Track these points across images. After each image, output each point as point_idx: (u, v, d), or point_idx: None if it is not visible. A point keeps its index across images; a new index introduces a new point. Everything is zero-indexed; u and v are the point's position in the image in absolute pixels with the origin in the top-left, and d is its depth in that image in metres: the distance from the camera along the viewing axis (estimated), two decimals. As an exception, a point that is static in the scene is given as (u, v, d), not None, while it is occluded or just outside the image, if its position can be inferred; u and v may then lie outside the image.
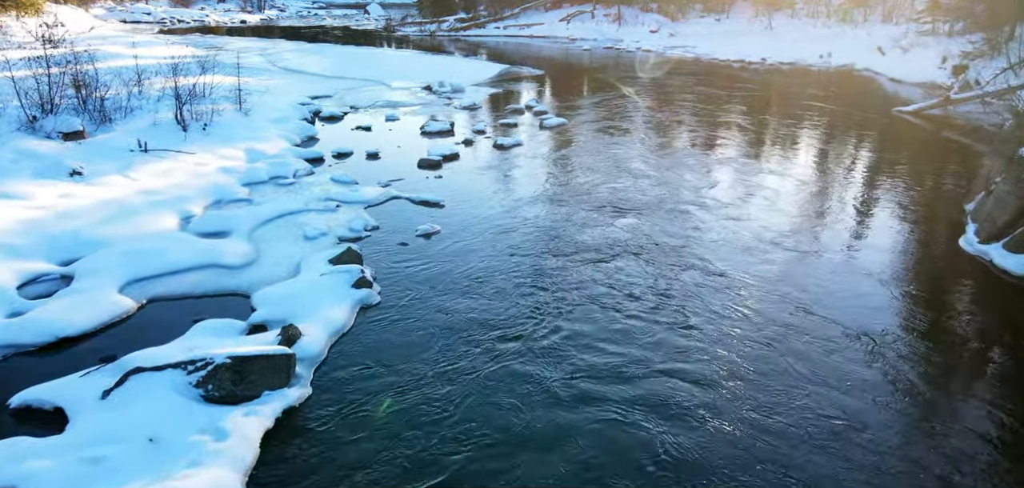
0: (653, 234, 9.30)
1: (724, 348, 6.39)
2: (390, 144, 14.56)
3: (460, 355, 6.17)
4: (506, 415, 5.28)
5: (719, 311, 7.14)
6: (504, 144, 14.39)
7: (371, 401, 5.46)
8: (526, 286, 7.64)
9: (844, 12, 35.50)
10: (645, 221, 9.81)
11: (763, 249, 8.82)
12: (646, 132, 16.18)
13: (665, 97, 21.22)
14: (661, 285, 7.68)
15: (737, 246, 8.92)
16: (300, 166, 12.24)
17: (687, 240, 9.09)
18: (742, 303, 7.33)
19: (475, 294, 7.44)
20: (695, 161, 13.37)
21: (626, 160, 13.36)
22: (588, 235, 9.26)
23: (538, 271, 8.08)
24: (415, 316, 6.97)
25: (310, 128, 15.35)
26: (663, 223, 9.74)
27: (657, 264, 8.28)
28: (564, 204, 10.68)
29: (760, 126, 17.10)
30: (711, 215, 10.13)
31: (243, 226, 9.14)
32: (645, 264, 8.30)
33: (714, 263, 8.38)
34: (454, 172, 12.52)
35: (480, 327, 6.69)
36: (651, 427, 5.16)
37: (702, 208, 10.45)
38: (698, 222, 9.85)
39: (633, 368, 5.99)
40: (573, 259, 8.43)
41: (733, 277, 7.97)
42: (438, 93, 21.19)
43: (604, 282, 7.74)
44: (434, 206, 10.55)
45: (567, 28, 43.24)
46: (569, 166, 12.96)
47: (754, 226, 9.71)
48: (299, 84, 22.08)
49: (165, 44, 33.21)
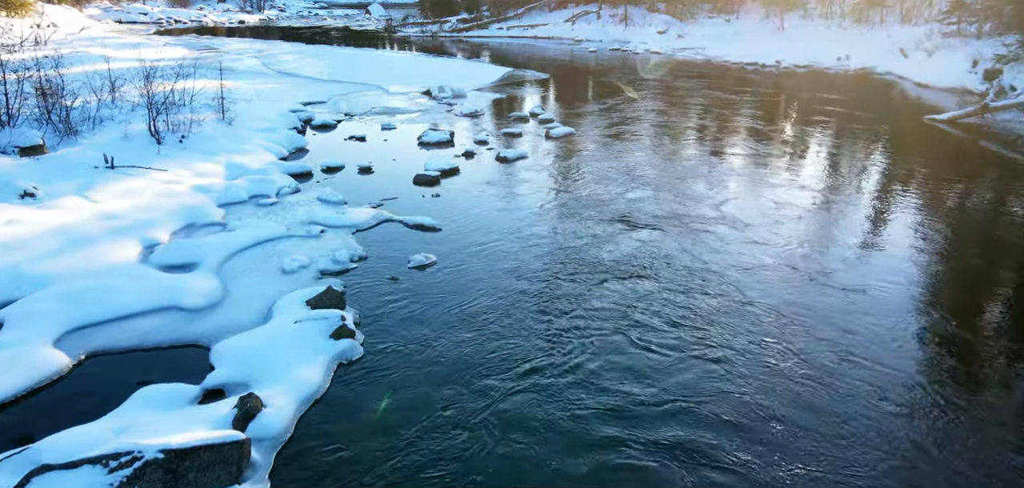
0: (675, 260, 8.20)
1: (760, 391, 5.31)
2: (385, 156, 13.49)
3: (457, 426, 5.07)
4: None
5: (751, 347, 6.06)
6: (508, 157, 13.30)
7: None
8: (534, 331, 6.54)
9: (859, 12, 34.30)
10: (665, 245, 8.71)
11: (797, 276, 7.72)
12: (659, 142, 15.07)
13: (677, 102, 20.12)
14: (688, 319, 6.58)
15: (770, 274, 7.81)
16: (285, 183, 11.17)
17: (713, 266, 7.99)
18: (777, 339, 6.25)
19: (475, 343, 6.34)
20: (714, 174, 12.25)
21: (640, 174, 12.25)
22: (602, 263, 8.16)
23: (547, 310, 6.98)
24: (404, 373, 5.88)
25: (299, 139, 14.28)
26: (685, 247, 8.64)
27: (681, 294, 7.18)
28: (574, 226, 9.58)
29: (781, 135, 15.97)
30: (737, 236, 9.02)
31: (213, 257, 8.06)
32: (668, 294, 7.20)
33: (746, 293, 7.28)
34: (453, 189, 11.43)
35: (481, 388, 5.59)
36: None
37: (727, 228, 9.34)
38: (724, 245, 8.74)
39: (665, 428, 4.89)
40: (587, 293, 7.33)
41: (766, 308, 6.88)
42: (438, 99, 20.11)
43: (623, 321, 6.63)
44: (430, 231, 9.47)
45: (572, 29, 42.12)
46: (578, 182, 11.86)
47: (785, 249, 8.61)
48: (292, 89, 21.04)
49: (157, 46, 32.25)
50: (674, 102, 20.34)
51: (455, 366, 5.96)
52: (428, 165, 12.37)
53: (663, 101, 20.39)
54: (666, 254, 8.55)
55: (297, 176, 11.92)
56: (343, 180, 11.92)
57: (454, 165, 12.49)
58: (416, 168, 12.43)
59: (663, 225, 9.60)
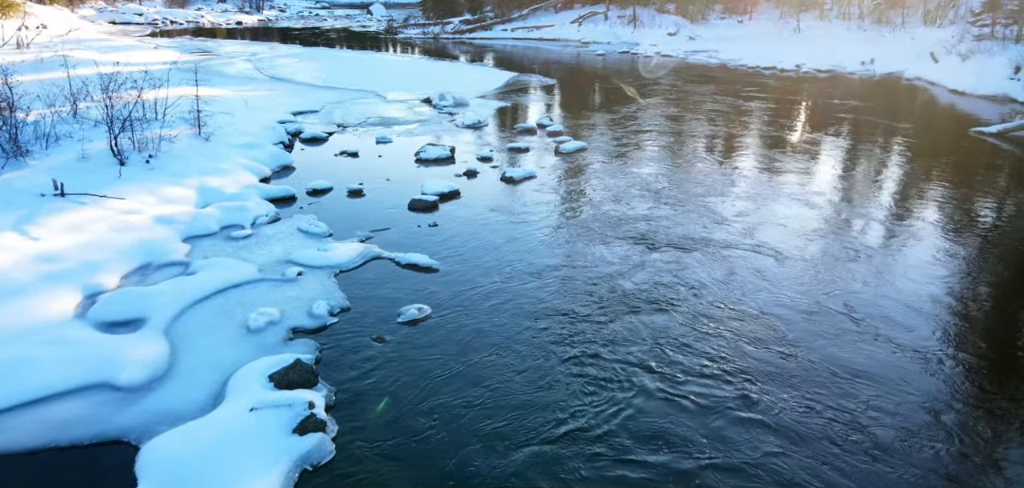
0: (710, 303, 6.88)
1: (811, 455, 4.02)
2: (378, 176, 12.19)
3: None
4: None
5: (805, 413, 4.74)
6: (514, 177, 11.97)
7: None
8: (550, 412, 5.21)
9: (879, 13, 32.88)
10: (699, 285, 7.39)
11: (853, 325, 6.39)
12: (679, 157, 13.72)
13: (694, 111, 18.77)
14: (729, 374, 5.25)
15: (821, 320, 6.49)
16: (262, 210, 9.86)
17: (753, 307, 6.69)
18: (832, 401, 4.95)
19: (479, 428, 5.03)
20: (744, 194, 10.91)
21: (661, 195, 10.92)
22: (626, 310, 6.84)
23: (564, 379, 5.67)
24: (386, 481, 4.58)
25: (284, 156, 12.95)
26: (720, 285, 7.32)
27: (719, 343, 5.84)
28: (591, 263, 8.27)
29: (813, 149, 14.61)
30: (779, 271, 7.69)
31: (164, 310, 6.76)
32: (704, 346, 5.86)
33: (796, 343, 5.95)
34: (453, 217, 10.12)
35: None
36: None
37: (766, 259, 8.01)
38: (763, 281, 7.44)
39: None
40: (612, 355, 6.00)
41: (819, 361, 5.57)
42: (438, 107, 18.80)
43: (659, 396, 5.30)
44: (426, 271, 8.16)
45: (579, 31, 40.76)
46: (593, 206, 10.53)
47: (835, 287, 7.33)
48: (284, 96, 19.74)
49: (147, 48, 31.03)
50: (691, 110, 18.99)
51: (452, 472, 4.65)
52: (425, 188, 11.06)
53: (679, 109, 19.06)
54: (700, 297, 7.21)
55: (278, 201, 10.62)
56: (330, 205, 10.62)
57: (454, 187, 11.17)
58: (412, 190, 11.14)
59: (693, 260, 8.26)
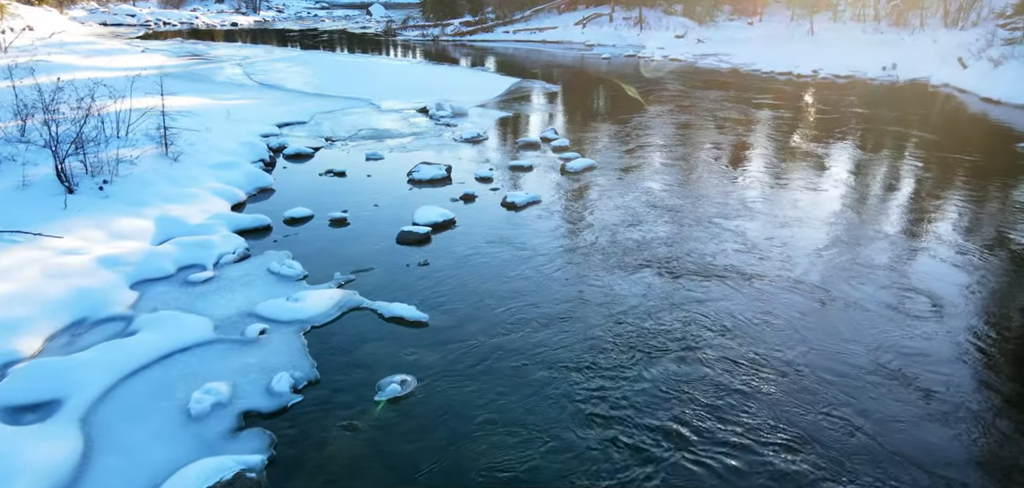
0: (750, 364, 5.62)
1: None
2: (366, 200, 10.95)
3: None
4: None
5: None
6: (516, 202, 10.71)
7: None
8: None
9: (897, 14, 31.54)
10: (732, 334, 6.14)
11: (912, 390, 5.12)
12: (699, 177, 12.44)
13: (710, 121, 17.48)
14: (779, 451, 4.01)
15: (879, 387, 5.23)
16: (229, 246, 8.61)
17: (804, 370, 5.40)
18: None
19: None
20: (776, 222, 9.65)
21: (682, 223, 9.66)
22: (650, 373, 5.59)
23: (580, 471, 4.43)
24: None
25: (263, 177, 11.68)
26: (762, 342, 6.05)
27: (764, 412, 4.59)
28: (606, 310, 7.04)
29: (843, 167, 13.32)
30: (827, 320, 6.43)
31: (88, 388, 5.53)
32: (746, 416, 4.61)
33: (852, 420, 4.70)
34: (447, 252, 8.86)
35: None
36: None
37: (811, 306, 6.74)
38: (814, 336, 6.19)
39: None
40: (635, 438, 4.74)
41: (873, 437, 4.30)
42: (435, 117, 17.54)
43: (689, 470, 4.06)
44: (413, 327, 6.92)
45: (583, 33, 39.47)
46: (606, 238, 9.26)
47: (889, 340, 6.04)
48: (271, 105, 18.50)
49: (134, 52, 29.82)
50: (706, 121, 17.70)
51: None
52: (416, 217, 9.82)
53: (693, 119, 17.77)
54: (735, 350, 5.95)
55: (250, 233, 9.38)
56: (308, 238, 9.37)
57: (448, 216, 9.91)
58: (402, 218, 9.91)
59: (724, 304, 7.00)
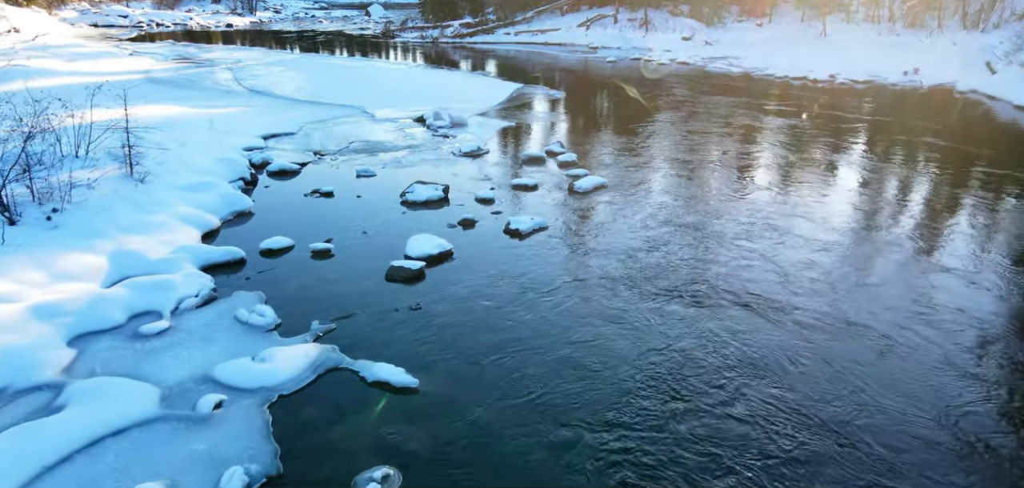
0: (798, 424, 4.54)
1: None
2: (354, 225, 9.87)
3: None
4: None
5: None
6: (520, 229, 9.61)
7: None
8: None
9: (913, 16, 30.39)
10: (781, 393, 5.04)
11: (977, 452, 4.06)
12: (721, 196, 11.32)
13: (725, 132, 16.36)
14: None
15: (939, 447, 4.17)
16: (192, 287, 7.53)
17: (857, 424, 4.34)
18: None
19: None
20: (812, 246, 8.56)
21: (707, 251, 8.57)
22: (681, 444, 4.52)
23: None
24: None
25: (240, 200, 10.57)
26: (809, 395, 4.96)
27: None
28: (628, 364, 5.98)
29: (876, 183, 12.21)
30: (883, 369, 5.35)
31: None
32: None
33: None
34: (443, 292, 7.78)
35: None
36: None
37: (863, 351, 5.65)
38: (871, 385, 5.10)
39: None
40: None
41: None
42: (432, 128, 16.43)
43: None
44: (400, 393, 5.87)
45: (587, 34, 38.35)
46: (622, 272, 8.16)
47: (949, 395, 4.94)
48: (258, 114, 17.40)
49: (121, 55, 28.73)
50: (721, 131, 16.59)
51: None
52: (409, 248, 8.73)
53: (707, 129, 16.65)
54: (778, 408, 4.84)
55: (220, 268, 8.31)
56: (286, 273, 8.28)
57: (445, 247, 8.81)
58: (393, 247, 8.84)
59: (762, 354, 5.88)
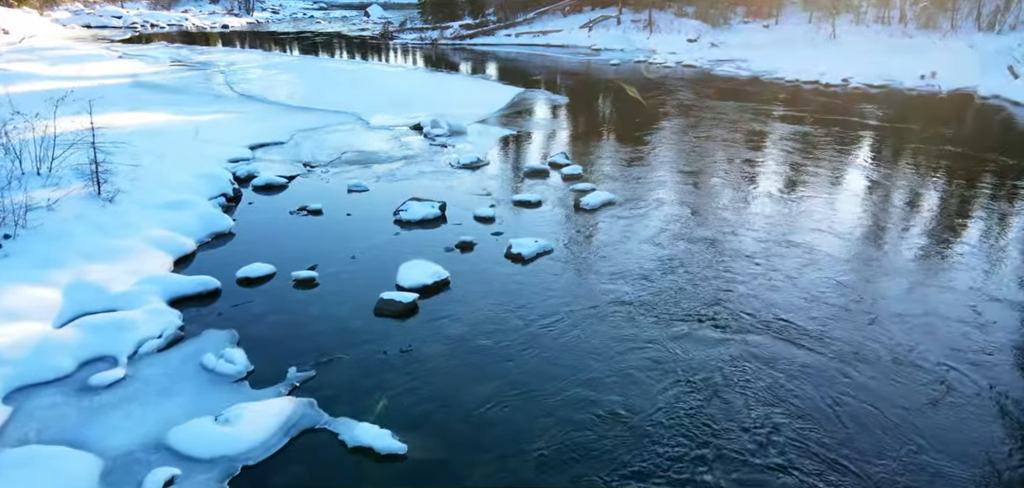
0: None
1: None
2: (342, 248, 9.05)
3: None
4: None
5: None
6: (523, 253, 8.78)
7: None
8: None
9: (926, 17, 29.54)
10: (830, 447, 4.24)
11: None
12: (741, 211, 10.48)
13: (739, 140, 15.52)
14: None
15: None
16: (155, 326, 6.71)
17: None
18: None
19: None
20: (847, 271, 7.74)
21: (733, 277, 7.74)
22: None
23: None
24: None
25: (220, 219, 9.72)
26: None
27: None
28: (654, 421, 5.14)
29: (908, 195, 11.39)
30: (935, 418, 4.53)
31: None
32: None
33: None
34: (437, 330, 6.96)
35: None
36: None
37: (916, 401, 4.82)
38: (940, 458, 4.29)
39: None
40: None
41: None
42: (430, 136, 15.60)
43: None
44: (386, 461, 5.07)
45: (589, 36, 37.50)
46: (640, 301, 7.34)
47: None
48: (248, 121, 16.58)
49: (110, 58, 27.92)
50: (733, 138, 15.75)
51: None
52: (401, 277, 7.91)
53: (717, 135, 15.81)
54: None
55: (191, 301, 7.50)
56: (265, 306, 7.47)
57: (441, 276, 7.99)
58: (384, 275, 8.03)
59: (811, 391, 5.07)
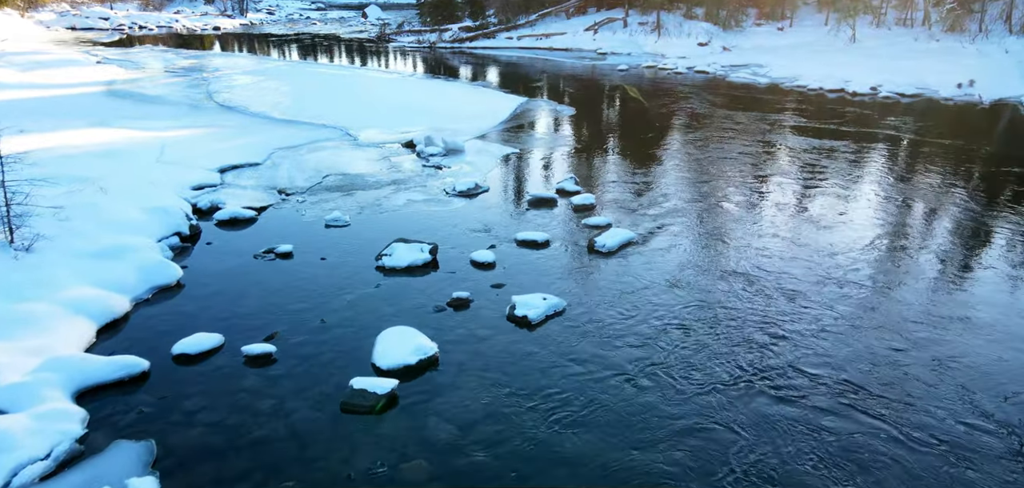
0: None
1: None
2: (311, 307, 7.45)
3: None
4: None
5: None
6: (530, 315, 7.17)
7: None
8: None
9: (954, 19, 27.90)
10: None
11: None
12: (783, 248, 8.84)
13: (768, 157, 13.90)
14: None
15: None
16: (44, 442, 5.12)
17: None
18: None
19: None
20: (931, 333, 6.13)
21: (784, 332, 6.12)
22: None
23: None
24: None
25: (165, 270, 8.09)
26: None
27: None
28: None
29: (983, 234, 9.79)
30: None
31: None
32: None
33: None
34: (419, 433, 5.37)
35: None
36: None
37: None
38: None
39: None
40: None
41: None
42: (424, 156, 14.00)
43: None
44: None
45: (594, 39, 35.89)
46: (671, 376, 5.72)
47: None
48: (221, 137, 14.98)
49: (87, 64, 26.34)
50: (762, 157, 14.13)
51: None
52: (378, 355, 6.34)
53: (744, 153, 14.18)
54: None
55: (106, 390, 5.89)
56: (202, 397, 5.86)
57: (427, 352, 6.40)
58: (358, 349, 6.46)
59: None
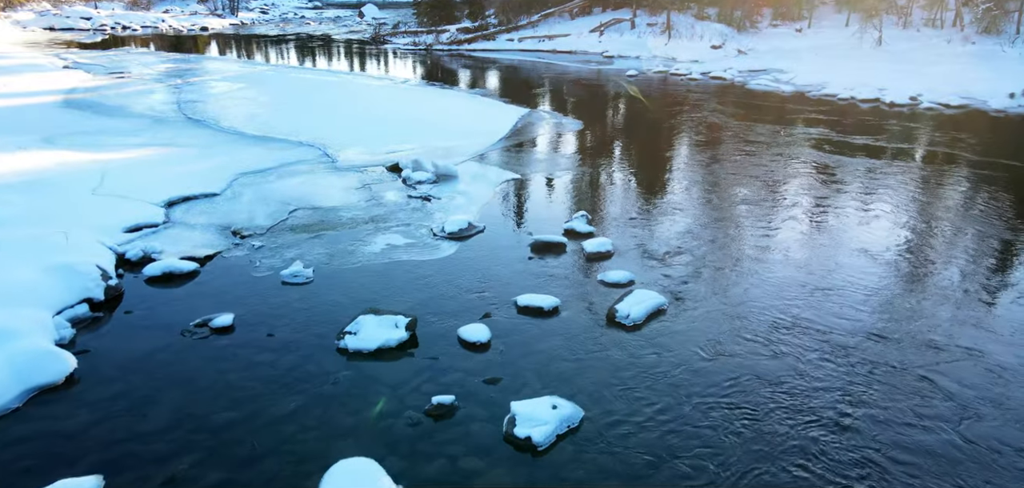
0: None
1: None
2: (243, 419, 5.52)
3: None
4: None
5: None
6: (534, 437, 5.26)
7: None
8: None
9: (989, 21, 25.92)
10: None
11: None
12: (845, 304, 6.91)
13: (809, 185, 11.95)
14: None
15: None
16: None
17: None
18: None
19: None
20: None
21: (856, 426, 4.23)
22: None
23: None
24: None
25: (51, 364, 6.12)
26: None
27: None
28: None
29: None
30: None
31: None
32: None
33: None
34: None
35: None
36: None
37: None
38: None
39: None
40: None
41: None
42: (410, 183, 12.07)
43: None
44: None
45: (600, 41, 33.93)
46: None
47: None
48: (179, 160, 13.06)
49: (53, 69, 24.44)
50: (803, 186, 12.18)
51: None
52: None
53: (779, 177, 12.24)
54: None
55: None
56: None
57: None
58: (298, 483, 4.52)
59: None
